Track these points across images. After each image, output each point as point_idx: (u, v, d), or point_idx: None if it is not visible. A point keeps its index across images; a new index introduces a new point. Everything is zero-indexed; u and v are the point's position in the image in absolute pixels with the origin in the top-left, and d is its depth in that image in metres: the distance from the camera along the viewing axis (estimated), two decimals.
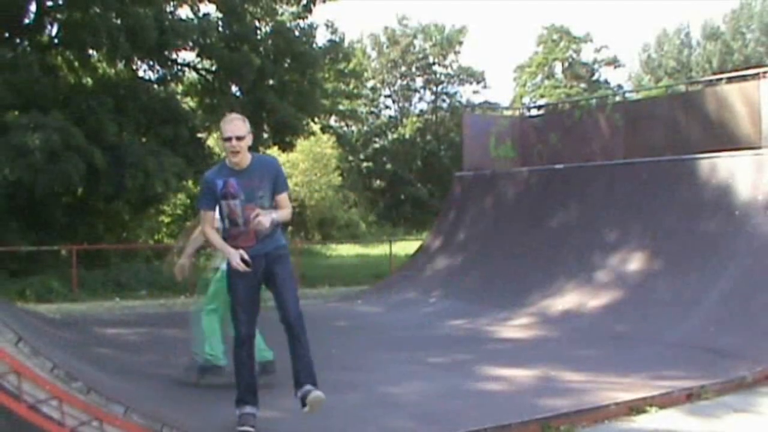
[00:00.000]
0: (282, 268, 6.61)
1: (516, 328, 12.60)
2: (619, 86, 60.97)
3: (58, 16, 22.98)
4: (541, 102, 50.64)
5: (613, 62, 63.80)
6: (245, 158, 6.54)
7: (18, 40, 22.49)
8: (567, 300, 13.48)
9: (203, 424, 6.77)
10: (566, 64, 62.98)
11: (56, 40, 23.61)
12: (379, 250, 31.00)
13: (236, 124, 6.60)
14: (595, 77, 63.06)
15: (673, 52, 68.16)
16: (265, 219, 6.33)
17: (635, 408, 7.48)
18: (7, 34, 22.13)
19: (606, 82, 62.71)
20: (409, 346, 11.28)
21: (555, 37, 62.87)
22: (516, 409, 7.31)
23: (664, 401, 7.70)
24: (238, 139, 6.47)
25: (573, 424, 6.99)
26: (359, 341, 11.88)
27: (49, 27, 23.52)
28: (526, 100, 60.36)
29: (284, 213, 6.62)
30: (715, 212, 12.90)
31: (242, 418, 6.53)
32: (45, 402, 5.11)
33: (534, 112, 26.69)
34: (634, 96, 29.09)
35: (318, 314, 15.42)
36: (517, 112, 24.61)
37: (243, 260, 6.30)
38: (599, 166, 16.35)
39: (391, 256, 23.54)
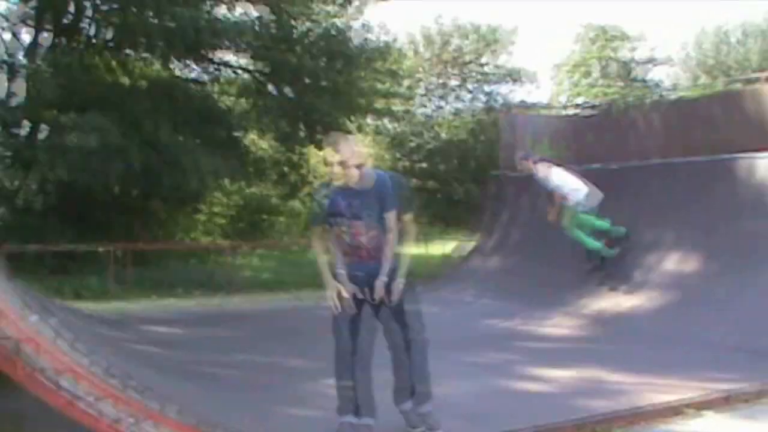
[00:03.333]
0: (397, 296, 6.69)
1: (554, 328, 12.56)
2: (657, 85, 60.44)
3: (98, 17, 23.12)
4: (579, 101, 50.38)
5: (651, 61, 63.28)
6: (353, 178, 6.50)
7: (57, 41, 22.67)
8: (605, 300, 13.43)
9: (256, 424, 6.80)
10: (603, 63, 62.59)
11: (94, 40, 23.76)
12: (414, 249, 30.95)
13: (337, 148, 6.49)
14: (632, 76, 62.57)
15: (711, 51, 67.53)
16: (380, 289, 6.57)
17: (673, 410, 7.43)
18: (46, 35, 22.33)
19: (644, 80, 62.19)
20: (446, 346, 11.23)
21: (592, 35, 62.48)
22: (553, 409, 7.31)
23: (702, 403, 7.63)
24: (340, 164, 6.42)
25: (609, 426, 6.96)
26: None
27: (88, 28, 23.68)
28: (562, 99, 59.99)
29: (388, 250, 6.64)
30: (754, 212, 12.78)
31: (340, 427, 6.67)
32: (101, 401, 5.16)
33: (571, 111, 26.49)
34: (672, 95, 28.88)
35: None
36: (554, 111, 24.51)
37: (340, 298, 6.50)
38: (636, 166, 16.25)
39: (443, 256, 23.40)
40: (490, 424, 6.95)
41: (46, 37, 22.17)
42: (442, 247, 25.03)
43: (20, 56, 21.87)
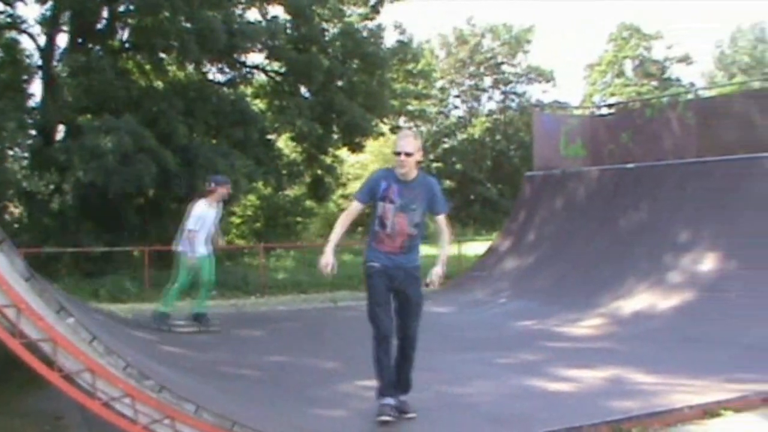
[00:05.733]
0: (415, 290, 7.13)
1: (586, 329, 12.49)
2: (692, 84, 60.06)
3: (129, 21, 23.30)
4: (612, 101, 50.14)
5: (685, 59, 62.94)
6: (411, 172, 7.05)
7: (91, 45, 22.85)
8: (638, 301, 13.33)
9: (274, 423, 6.81)
10: (637, 62, 62.33)
11: (127, 45, 23.96)
12: (450, 249, 30.95)
13: (408, 141, 7.05)
14: (666, 75, 62.26)
15: (747, 49, 67.12)
16: (438, 279, 7.07)
17: (709, 411, 7.34)
18: (80, 40, 22.51)
19: (678, 79, 61.86)
20: (478, 347, 11.25)
21: (625, 34, 62.25)
22: (586, 411, 7.25)
23: (739, 405, 7.54)
24: (407, 155, 6.94)
25: (645, 427, 6.89)
26: (429, 341, 11.79)
27: (120, 32, 23.85)
28: (596, 98, 59.84)
29: (446, 245, 7.40)
30: None
31: (381, 408, 6.93)
32: (118, 399, 5.19)
33: (604, 110, 26.39)
34: (707, 93, 28.67)
35: None
36: (587, 111, 24.42)
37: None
38: (671, 165, 16.15)
39: (461, 257, 23.46)
40: (522, 425, 6.91)
41: (79, 42, 22.36)
42: (476, 248, 25.01)
43: (55, 61, 22.09)
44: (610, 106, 31.36)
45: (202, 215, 12.62)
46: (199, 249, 12.66)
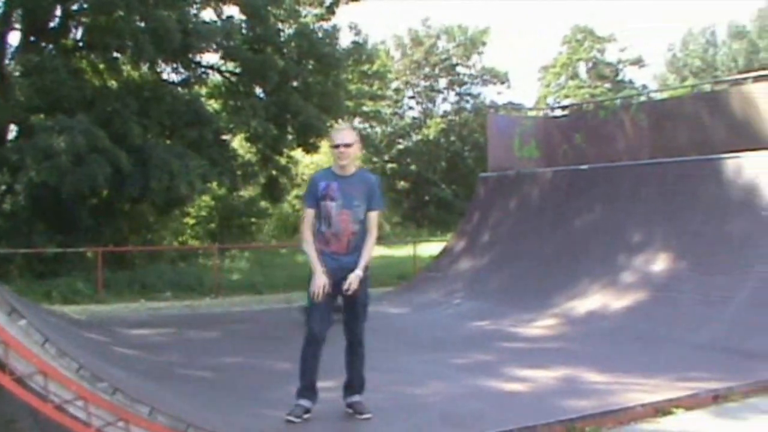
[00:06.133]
0: (362, 291, 6.95)
1: (540, 329, 12.57)
2: (644, 86, 60.61)
3: (83, 19, 23.11)
4: (566, 102, 50.47)
5: (638, 62, 63.51)
6: (351, 166, 7.08)
7: (44, 44, 22.63)
8: (592, 301, 13.44)
9: (228, 425, 6.79)
10: (590, 64, 62.78)
11: (81, 44, 23.75)
12: (403, 251, 30.93)
13: (345, 133, 7.16)
14: (619, 77, 62.78)
15: (698, 52, 67.89)
16: (355, 283, 6.81)
17: (661, 410, 7.44)
18: (33, 38, 22.29)
19: (630, 82, 62.41)
20: (432, 347, 11.29)
21: (579, 37, 62.69)
22: (540, 410, 7.30)
23: (690, 403, 7.65)
24: (346, 146, 6.99)
25: (598, 426, 6.96)
26: (383, 342, 11.86)
27: (74, 30, 23.65)
28: (550, 100, 60.21)
29: (369, 247, 7.01)
30: (741, 212, 12.82)
31: (294, 408, 6.96)
32: (71, 402, 5.13)
33: (558, 112, 26.59)
34: (659, 96, 28.91)
35: None
36: (541, 113, 24.56)
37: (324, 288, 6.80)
38: (624, 167, 16.28)
39: (415, 258, 23.52)
40: (477, 425, 6.94)
41: (31, 41, 22.14)
42: (431, 249, 25.08)
43: (7, 60, 21.85)
44: (564, 107, 31.61)
45: None
46: None
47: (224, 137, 26.24)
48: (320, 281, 6.77)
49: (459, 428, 6.95)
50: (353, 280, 6.78)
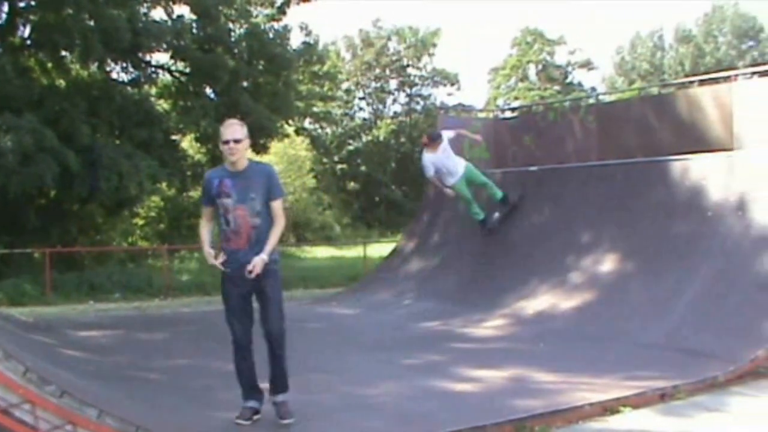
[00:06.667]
0: (271, 283, 6.95)
1: (490, 329, 12.61)
2: (593, 89, 61.16)
3: (31, 17, 22.86)
4: (515, 104, 50.77)
5: (587, 65, 64.09)
6: (242, 161, 6.98)
7: None
8: (541, 301, 13.50)
9: (178, 427, 6.76)
10: (540, 67, 63.21)
11: (29, 42, 23.47)
12: (353, 252, 30.98)
13: (234, 129, 7.01)
14: (568, 80, 63.30)
15: (646, 55, 68.62)
16: (259, 266, 6.74)
17: (609, 408, 7.52)
18: None
19: (580, 84, 62.95)
20: (383, 348, 11.29)
21: (529, 39, 63.08)
22: (490, 410, 7.34)
23: (637, 401, 7.74)
24: (236, 142, 6.90)
25: (548, 425, 7.02)
26: (333, 343, 11.88)
27: (21, 28, 23.38)
28: (500, 102, 60.52)
29: (275, 234, 6.93)
30: (688, 214, 12.95)
31: (242, 411, 7.00)
32: (17, 406, 5.09)
33: (508, 114, 26.75)
34: (608, 98, 29.16)
35: (292, 316, 15.29)
36: (491, 114, 24.65)
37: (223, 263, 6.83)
38: (573, 168, 16.38)
39: (366, 259, 23.55)
40: (427, 425, 6.97)
41: None
42: (381, 250, 25.11)
43: None
44: (513, 109, 31.85)
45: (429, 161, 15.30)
46: (448, 181, 15.45)
47: (174, 137, 26.12)
48: (210, 260, 6.86)
49: (410, 428, 6.97)
50: (257, 262, 6.70)
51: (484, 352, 10.95)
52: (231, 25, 26.19)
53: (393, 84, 55.93)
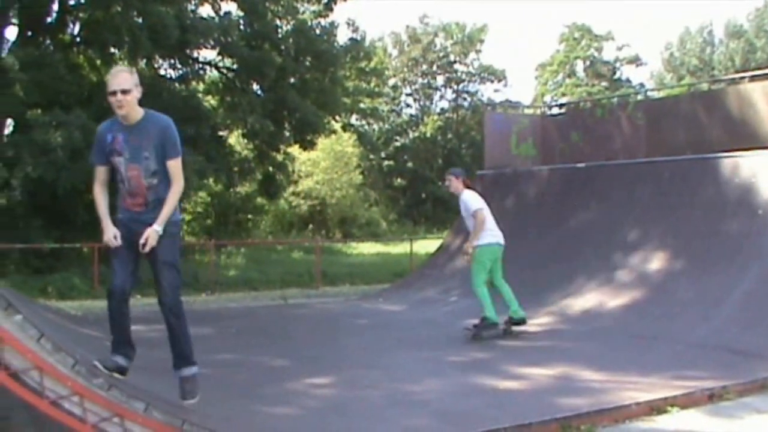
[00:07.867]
0: (164, 247, 6.38)
1: (536, 327, 12.54)
2: (641, 85, 60.75)
3: (80, 14, 23.09)
4: (563, 100, 50.49)
5: (635, 61, 63.59)
6: (133, 113, 6.26)
7: (41, 39, 22.60)
8: (588, 299, 13.43)
9: (224, 421, 6.78)
10: (588, 63, 62.85)
11: (78, 39, 23.71)
12: (399, 248, 31.00)
13: (122, 77, 6.26)
14: (616, 76, 62.88)
15: (695, 51, 67.92)
16: (153, 238, 6.23)
17: (656, 408, 7.44)
18: (30, 33, 22.26)
19: (628, 80, 62.51)
20: (429, 345, 11.28)
21: (577, 35, 62.74)
22: (535, 408, 7.29)
23: (685, 401, 7.65)
24: (123, 92, 6.16)
25: (593, 424, 6.96)
26: (380, 339, 11.88)
27: (71, 26, 23.62)
28: (547, 98, 60.24)
29: (172, 198, 6.34)
30: (737, 212, 12.81)
31: (107, 361, 6.30)
32: (66, 398, 5.13)
33: (555, 110, 26.58)
34: (656, 94, 28.93)
35: (339, 312, 15.49)
36: (538, 111, 24.55)
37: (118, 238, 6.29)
38: (621, 165, 16.27)
39: (412, 255, 23.53)
40: (472, 423, 6.93)
41: (29, 36, 22.11)
42: (427, 246, 25.09)
43: (4, 54, 21.80)
44: (561, 106, 31.57)
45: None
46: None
47: (221, 133, 26.24)
48: (109, 233, 6.27)
49: (455, 426, 6.94)
50: (150, 235, 6.17)
51: (529, 350, 10.90)
52: (278, 22, 26.26)
53: (440, 80, 55.90)
